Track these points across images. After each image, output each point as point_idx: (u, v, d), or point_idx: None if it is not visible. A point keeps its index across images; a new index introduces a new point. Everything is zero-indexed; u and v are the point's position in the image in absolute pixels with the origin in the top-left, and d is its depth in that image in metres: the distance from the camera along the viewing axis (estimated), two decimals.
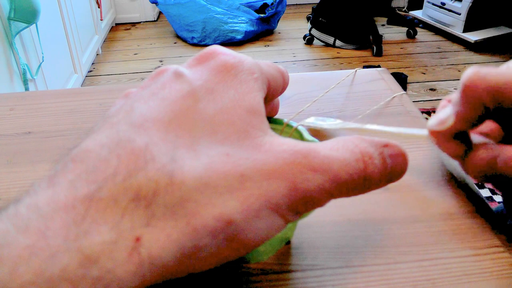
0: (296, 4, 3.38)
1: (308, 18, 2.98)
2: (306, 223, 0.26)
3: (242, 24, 2.65)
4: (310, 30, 2.65)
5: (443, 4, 2.65)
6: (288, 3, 3.24)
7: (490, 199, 1.42)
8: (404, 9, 3.21)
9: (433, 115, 0.25)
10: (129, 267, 0.13)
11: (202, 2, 2.63)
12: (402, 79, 2.14)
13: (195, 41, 2.65)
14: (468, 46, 2.57)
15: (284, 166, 0.16)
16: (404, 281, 0.23)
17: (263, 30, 2.76)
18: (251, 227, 0.15)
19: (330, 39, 2.59)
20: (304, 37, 2.69)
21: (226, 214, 0.15)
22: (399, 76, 2.14)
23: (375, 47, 2.49)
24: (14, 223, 0.13)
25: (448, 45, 2.63)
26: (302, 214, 0.17)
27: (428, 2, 2.79)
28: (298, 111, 0.38)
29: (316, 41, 2.67)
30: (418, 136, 0.26)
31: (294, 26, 2.96)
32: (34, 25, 1.51)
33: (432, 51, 2.55)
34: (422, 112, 1.70)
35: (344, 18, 2.51)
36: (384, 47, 2.54)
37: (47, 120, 0.39)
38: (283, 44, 2.71)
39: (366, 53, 2.54)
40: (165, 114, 0.16)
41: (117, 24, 3.02)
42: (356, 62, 2.44)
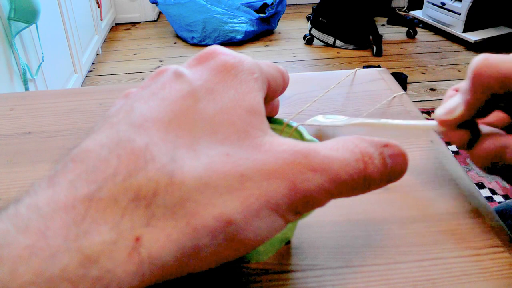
0: (296, 4, 3.38)
1: (308, 18, 2.97)
2: (306, 223, 0.26)
3: (242, 24, 2.64)
4: (310, 30, 2.65)
5: (443, 4, 2.65)
6: (288, 3, 3.24)
7: (490, 199, 1.42)
8: (404, 9, 3.21)
9: (439, 107, 0.25)
10: (129, 267, 0.13)
11: (202, 2, 2.63)
12: (402, 79, 2.14)
13: (195, 41, 2.65)
14: (468, 46, 2.57)
15: (284, 166, 0.16)
16: (404, 281, 0.23)
17: (263, 30, 2.76)
18: (251, 227, 0.15)
19: (330, 39, 2.59)
20: (304, 37, 2.69)
21: (226, 214, 0.15)
22: (399, 76, 2.14)
23: (375, 47, 2.49)
24: (14, 223, 0.13)
25: (448, 45, 2.63)
26: (302, 214, 0.17)
27: (428, 2, 2.78)
28: (298, 111, 0.38)
29: (316, 41, 2.67)
30: (426, 127, 0.25)
31: (294, 26, 2.96)
32: (34, 25, 1.51)
33: (432, 51, 2.55)
34: (422, 112, 1.70)
35: (344, 18, 2.51)
36: (384, 47, 2.54)
37: (47, 120, 0.39)
38: (283, 44, 2.71)
39: (366, 53, 2.54)
40: (165, 114, 0.16)
41: (117, 24, 3.02)
42: (356, 62, 2.44)
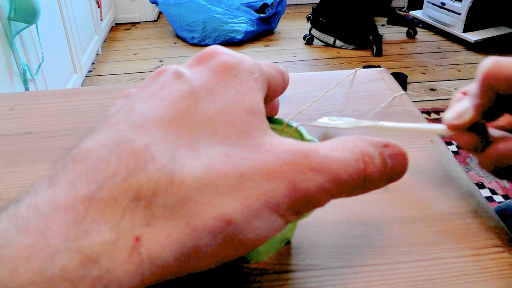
0: (296, 4, 3.38)
1: (308, 18, 2.97)
2: (306, 223, 0.26)
3: (242, 24, 2.64)
4: (310, 30, 2.65)
5: (443, 4, 2.65)
6: (288, 3, 3.24)
7: (490, 199, 1.42)
8: (404, 9, 3.21)
9: (447, 110, 0.25)
10: (129, 267, 0.13)
11: (202, 2, 2.63)
12: (402, 79, 2.14)
13: (195, 41, 2.65)
14: (468, 46, 2.57)
15: (284, 166, 0.16)
16: (404, 281, 0.23)
17: (263, 30, 2.76)
18: (251, 227, 0.15)
19: (330, 39, 2.59)
20: (304, 37, 2.69)
21: (226, 214, 0.15)
22: (399, 76, 2.14)
23: (375, 47, 2.49)
24: (14, 223, 0.13)
25: (448, 45, 2.63)
26: (302, 214, 0.17)
27: (428, 2, 2.78)
28: (298, 111, 0.38)
29: (316, 41, 2.67)
30: (435, 131, 0.25)
31: (294, 26, 2.96)
32: (34, 25, 1.51)
33: (432, 51, 2.55)
34: (422, 112, 1.70)
35: (344, 18, 2.51)
36: (384, 47, 2.54)
37: (47, 120, 0.39)
38: (283, 44, 2.71)
39: (366, 53, 2.54)
40: (165, 114, 0.16)
41: (117, 24, 3.02)
42: (356, 62, 2.44)
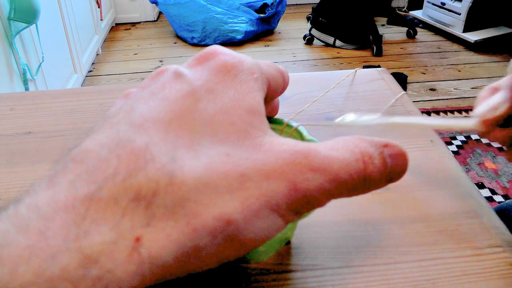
0: (296, 4, 3.38)
1: (308, 18, 2.97)
2: (306, 223, 0.26)
3: (242, 24, 2.64)
4: (310, 30, 2.65)
5: (443, 4, 2.65)
6: (288, 3, 3.23)
7: (490, 199, 1.42)
8: (404, 9, 3.21)
9: (477, 105, 0.24)
10: (129, 267, 0.13)
11: (202, 2, 2.63)
12: (402, 79, 2.14)
13: (195, 41, 2.65)
14: (468, 46, 2.57)
15: (284, 166, 0.16)
16: (404, 281, 0.23)
17: (263, 30, 2.76)
18: (251, 227, 0.15)
19: (330, 39, 2.59)
20: (304, 37, 2.69)
21: (226, 214, 0.15)
22: (399, 76, 2.14)
23: (375, 47, 2.49)
24: (14, 223, 0.13)
25: (448, 45, 2.63)
26: (302, 214, 0.17)
27: (428, 2, 2.78)
28: (298, 111, 0.38)
29: (316, 41, 2.67)
30: (466, 126, 0.25)
31: (294, 26, 2.96)
32: (34, 25, 1.51)
33: (432, 51, 2.55)
34: (422, 112, 1.70)
35: (344, 18, 2.51)
36: (384, 47, 2.54)
37: (47, 120, 0.39)
38: (283, 44, 2.71)
39: (366, 53, 2.54)
40: (165, 114, 0.16)
41: (117, 24, 3.02)
42: (356, 62, 2.44)
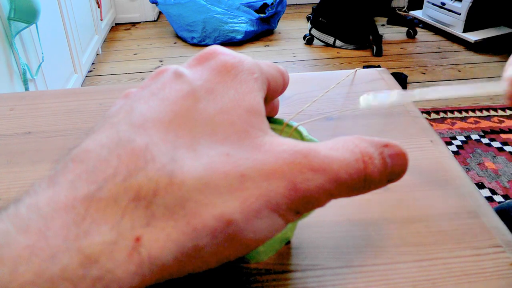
0: (296, 4, 3.38)
1: (308, 18, 2.97)
2: (306, 223, 0.26)
3: (242, 24, 2.64)
4: (310, 30, 2.65)
5: (443, 4, 2.65)
6: (288, 3, 3.23)
7: (490, 199, 1.42)
8: (404, 9, 3.21)
9: (506, 69, 0.23)
10: (129, 267, 0.13)
11: (202, 2, 2.63)
12: (402, 79, 2.14)
13: (195, 41, 2.65)
14: (468, 46, 2.57)
15: (284, 166, 0.16)
16: (404, 281, 0.23)
17: (263, 30, 2.76)
18: (251, 227, 0.15)
19: (330, 39, 2.59)
20: (304, 37, 2.69)
21: (226, 214, 0.15)
22: (399, 76, 2.14)
23: (375, 47, 2.49)
24: (14, 223, 0.13)
25: (448, 45, 2.63)
26: (302, 214, 0.17)
27: (428, 2, 2.78)
28: (298, 111, 0.38)
29: (316, 41, 2.67)
30: (494, 91, 0.23)
31: (294, 26, 2.96)
32: (34, 25, 1.51)
33: (432, 51, 2.55)
34: (422, 112, 1.70)
35: (344, 18, 2.51)
36: (384, 47, 2.54)
37: (47, 120, 0.39)
38: (283, 44, 2.71)
39: (366, 53, 2.54)
40: (165, 114, 0.16)
41: (117, 24, 3.02)
42: (356, 62, 2.44)
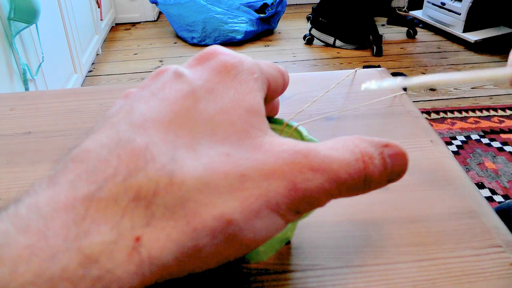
0: (296, 4, 3.38)
1: (308, 18, 2.97)
2: (306, 223, 0.26)
3: (242, 24, 2.64)
4: (310, 30, 2.65)
5: (443, 4, 2.65)
6: (288, 3, 3.23)
7: (490, 199, 1.42)
8: (404, 9, 3.21)
9: None
10: (129, 267, 0.13)
11: (202, 2, 2.63)
12: None
13: (195, 41, 2.65)
14: (468, 46, 2.57)
15: (284, 166, 0.16)
16: (404, 281, 0.23)
17: (263, 30, 2.76)
18: (251, 227, 0.15)
19: (330, 39, 2.59)
20: (304, 37, 2.69)
21: (226, 214, 0.15)
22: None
23: (375, 47, 2.49)
24: (14, 223, 0.13)
25: (448, 45, 2.63)
26: (302, 214, 0.17)
27: (428, 2, 2.78)
28: (298, 111, 0.38)
29: (316, 41, 2.67)
30: (501, 76, 0.22)
31: (294, 26, 2.96)
32: (34, 25, 1.51)
33: (432, 51, 2.55)
34: (422, 112, 1.70)
35: (344, 18, 2.51)
36: (384, 47, 2.54)
37: (47, 120, 0.39)
38: (283, 44, 2.71)
39: (366, 53, 2.54)
40: (165, 114, 0.16)
41: (117, 24, 3.02)
42: (356, 62, 2.44)
